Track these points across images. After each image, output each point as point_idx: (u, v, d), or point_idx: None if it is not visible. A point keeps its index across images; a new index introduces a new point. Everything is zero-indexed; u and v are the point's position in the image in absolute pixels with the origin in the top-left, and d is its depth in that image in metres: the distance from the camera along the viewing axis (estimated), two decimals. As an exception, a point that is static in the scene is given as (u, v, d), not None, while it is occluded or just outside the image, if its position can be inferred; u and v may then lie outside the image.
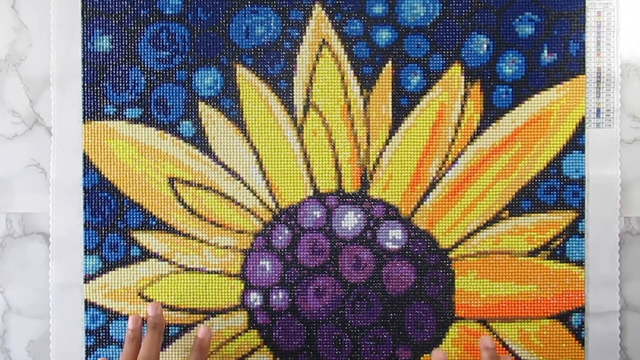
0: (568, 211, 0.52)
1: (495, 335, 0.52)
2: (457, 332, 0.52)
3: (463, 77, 0.52)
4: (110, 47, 0.52)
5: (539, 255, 0.52)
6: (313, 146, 0.52)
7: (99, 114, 0.53)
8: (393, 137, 0.52)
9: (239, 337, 0.53)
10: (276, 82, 0.52)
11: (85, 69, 0.53)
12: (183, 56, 0.52)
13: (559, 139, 0.52)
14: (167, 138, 0.53)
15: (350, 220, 0.52)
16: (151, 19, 0.52)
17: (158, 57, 0.52)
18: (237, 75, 0.52)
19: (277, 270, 0.53)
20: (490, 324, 0.52)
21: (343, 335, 0.52)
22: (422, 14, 0.52)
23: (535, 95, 0.52)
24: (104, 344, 0.53)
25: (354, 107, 0.52)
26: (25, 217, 0.54)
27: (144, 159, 0.53)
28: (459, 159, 0.52)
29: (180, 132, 0.53)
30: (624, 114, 0.52)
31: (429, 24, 0.52)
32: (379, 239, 0.52)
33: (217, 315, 0.53)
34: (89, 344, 0.53)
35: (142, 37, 0.52)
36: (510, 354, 0.52)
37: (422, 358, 0.52)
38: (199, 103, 0.52)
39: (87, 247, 0.53)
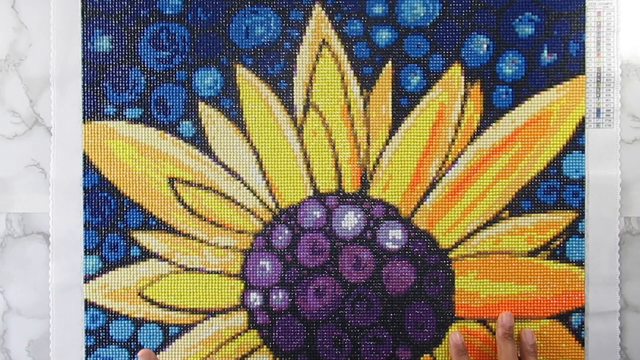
0: (568, 211, 0.52)
1: (495, 335, 0.52)
2: (457, 332, 0.52)
3: (463, 77, 0.52)
4: (110, 47, 0.52)
5: (539, 255, 0.52)
6: (313, 146, 0.52)
7: (99, 114, 0.53)
8: (393, 137, 0.52)
9: (239, 337, 0.53)
10: (276, 82, 0.52)
11: (85, 69, 0.52)
12: (183, 56, 0.52)
13: (559, 139, 0.52)
14: (167, 138, 0.53)
15: (350, 220, 0.52)
16: (151, 19, 0.52)
17: (158, 57, 0.52)
18: (237, 75, 0.52)
19: (277, 270, 0.53)
20: (490, 324, 0.52)
21: (343, 335, 0.52)
22: (422, 14, 0.52)
23: (535, 95, 0.52)
24: (103, 344, 0.53)
25: (354, 107, 0.52)
26: (25, 217, 0.54)
27: (144, 159, 0.53)
28: (459, 159, 0.52)
29: (180, 132, 0.53)
30: (624, 114, 0.52)
31: (429, 24, 0.52)
32: (379, 239, 0.52)
33: (217, 315, 0.53)
34: (88, 344, 0.53)
35: (142, 37, 0.52)
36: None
37: (422, 358, 0.52)
38: (199, 103, 0.52)
39: (87, 247, 0.53)
